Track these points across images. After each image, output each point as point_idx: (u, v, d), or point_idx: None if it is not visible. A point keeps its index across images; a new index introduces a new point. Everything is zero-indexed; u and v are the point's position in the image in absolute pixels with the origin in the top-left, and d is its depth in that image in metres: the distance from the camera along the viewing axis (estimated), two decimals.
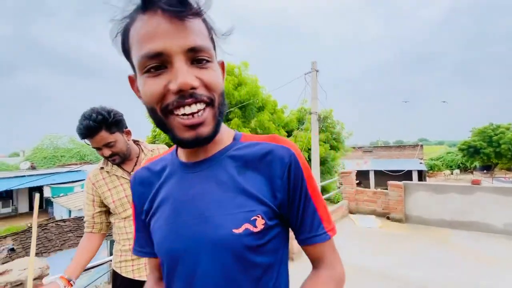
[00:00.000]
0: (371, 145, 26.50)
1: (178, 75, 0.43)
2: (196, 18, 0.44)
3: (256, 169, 0.53)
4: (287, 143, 0.55)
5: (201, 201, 0.53)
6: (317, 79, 7.70)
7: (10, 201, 20.06)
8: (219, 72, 0.50)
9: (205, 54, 0.45)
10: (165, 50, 0.42)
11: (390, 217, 5.01)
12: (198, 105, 0.45)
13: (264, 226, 0.50)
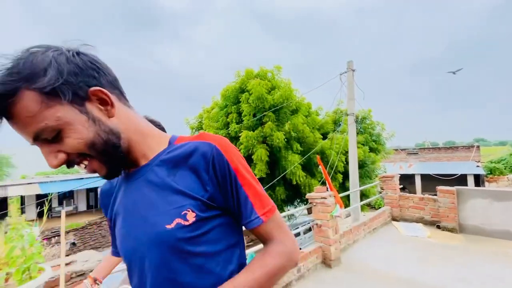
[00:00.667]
0: (417, 147, 24.40)
1: None
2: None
3: (184, 168, 0.57)
4: (211, 139, 0.58)
5: (140, 205, 0.59)
6: (354, 78, 7.39)
7: (72, 200, 22.73)
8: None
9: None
10: None
11: (441, 226, 4.55)
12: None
13: (196, 218, 0.54)
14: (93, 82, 0.51)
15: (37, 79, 0.45)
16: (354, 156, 7.39)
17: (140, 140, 0.59)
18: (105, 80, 0.54)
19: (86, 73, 0.50)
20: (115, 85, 0.57)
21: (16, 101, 0.45)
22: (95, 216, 19.58)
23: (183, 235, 0.54)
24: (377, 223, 4.77)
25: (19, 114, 0.45)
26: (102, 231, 11.68)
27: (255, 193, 0.59)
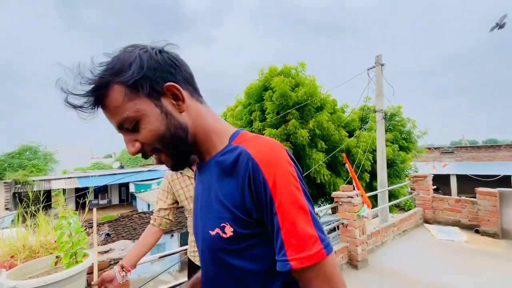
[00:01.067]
0: (452, 145, 22.74)
1: None
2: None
3: (230, 176, 0.53)
4: (254, 146, 0.51)
5: (201, 201, 0.62)
6: (383, 73, 7.06)
7: (106, 194, 24.36)
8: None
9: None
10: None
11: (480, 231, 4.22)
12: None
13: (233, 233, 0.51)
14: (169, 77, 0.54)
15: (123, 73, 0.50)
16: (382, 155, 7.08)
17: (205, 136, 0.59)
18: (181, 76, 0.56)
19: (164, 69, 0.54)
20: (190, 82, 0.59)
21: (107, 93, 0.51)
22: (127, 210, 20.81)
23: (222, 245, 0.53)
24: (408, 225, 4.53)
25: (109, 104, 0.52)
26: (133, 223, 12.39)
27: (292, 228, 0.47)
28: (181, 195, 1.49)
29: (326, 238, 0.49)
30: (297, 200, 0.48)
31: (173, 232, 12.16)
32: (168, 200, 1.50)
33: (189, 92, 0.57)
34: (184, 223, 12.75)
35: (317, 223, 0.49)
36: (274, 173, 0.48)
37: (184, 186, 1.50)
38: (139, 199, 19.47)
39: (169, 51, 0.57)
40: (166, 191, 1.52)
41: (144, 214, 13.56)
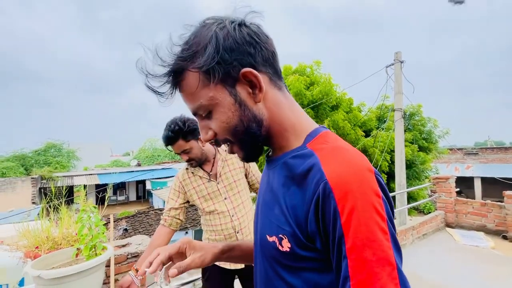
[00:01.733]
0: (477, 146, 21.62)
1: None
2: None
3: (297, 186, 0.45)
4: (330, 164, 0.42)
5: (264, 194, 0.57)
6: (402, 71, 6.81)
7: (124, 191, 25.21)
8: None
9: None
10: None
11: (508, 237, 3.97)
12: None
13: (290, 250, 0.45)
14: (247, 59, 0.47)
15: (198, 59, 0.46)
16: (401, 155, 6.84)
17: (280, 131, 0.52)
18: (261, 56, 0.49)
19: (242, 49, 0.47)
20: (270, 62, 0.50)
21: (182, 79, 0.48)
22: (143, 206, 21.44)
23: (277, 257, 0.48)
24: (428, 228, 4.35)
25: (185, 90, 0.49)
26: (149, 219, 12.74)
27: (364, 280, 0.36)
28: (193, 195, 1.48)
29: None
30: (380, 246, 0.37)
31: (187, 229, 12.38)
32: (180, 199, 1.49)
33: (268, 77, 0.50)
34: (198, 220, 12.94)
35: (405, 282, 0.37)
36: (351, 206, 0.38)
37: (196, 185, 1.49)
38: (155, 196, 19.97)
39: (249, 25, 0.49)
40: (178, 191, 1.51)
41: (160, 211, 13.91)
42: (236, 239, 1.46)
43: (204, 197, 1.48)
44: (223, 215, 1.47)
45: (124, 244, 1.54)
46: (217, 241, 1.46)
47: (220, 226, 1.46)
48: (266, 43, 0.50)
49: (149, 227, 11.95)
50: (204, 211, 1.48)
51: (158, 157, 32.75)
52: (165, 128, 1.39)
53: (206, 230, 1.53)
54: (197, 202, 1.49)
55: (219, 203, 1.48)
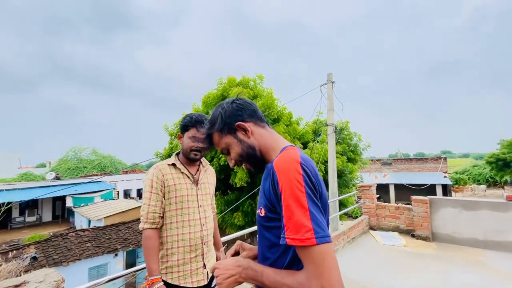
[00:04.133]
0: (390, 158, 25.55)
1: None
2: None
3: (267, 177, 0.77)
4: (277, 159, 0.75)
5: (260, 189, 0.87)
6: (333, 90, 7.61)
7: (35, 210, 20.96)
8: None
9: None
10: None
11: (415, 235, 4.70)
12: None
13: (265, 214, 0.78)
14: (238, 118, 0.85)
15: (215, 126, 0.87)
16: (333, 166, 7.53)
17: (266, 151, 0.85)
18: (246, 114, 0.86)
19: (234, 114, 0.86)
20: (253, 115, 0.87)
21: (212, 137, 0.89)
22: (61, 227, 18.16)
23: (260, 220, 0.82)
24: (356, 232, 4.82)
25: (214, 142, 0.89)
26: (68, 243, 10.78)
27: (289, 217, 0.67)
28: (172, 191, 1.39)
29: (322, 232, 0.65)
30: (298, 199, 0.67)
31: (117, 250, 10.94)
32: (160, 194, 1.39)
33: (253, 122, 0.87)
34: (130, 240, 11.57)
35: (316, 219, 0.66)
36: (283, 177, 0.69)
37: (178, 183, 1.42)
38: (78, 215, 17.22)
39: (237, 99, 0.89)
40: (161, 185, 1.39)
41: (83, 232, 11.95)
42: (201, 252, 1.43)
43: (181, 197, 1.40)
44: (194, 223, 1.41)
45: (18, 284, 1.21)
46: (177, 253, 1.37)
47: (189, 235, 1.38)
48: (248, 106, 0.88)
49: (67, 252, 10.12)
50: (173, 214, 1.38)
51: (84, 169, 28.61)
52: (192, 114, 1.49)
53: (168, 241, 1.38)
54: (172, 201, 1.39)
55: (193, 209, 1.43)
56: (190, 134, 1.44)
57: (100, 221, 14.08)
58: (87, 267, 10.06)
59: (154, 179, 1.39)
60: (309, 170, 0.70)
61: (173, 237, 1.37)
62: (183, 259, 1.36)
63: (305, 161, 0.72)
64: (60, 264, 9.31)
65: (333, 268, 0.63)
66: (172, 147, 11.47)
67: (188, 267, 1.37)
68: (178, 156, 1.54)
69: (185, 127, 1.47)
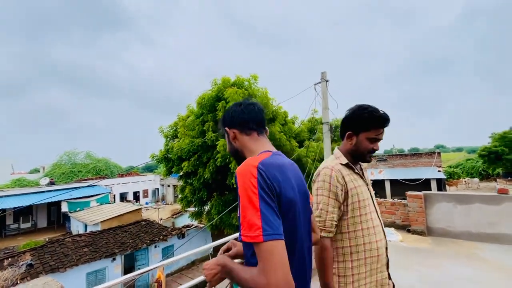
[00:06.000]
0: (385, 154, 25.80)
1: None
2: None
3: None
4: (241, 165, 0.83)
5: None
6: (328, 88, 7.66)
7: (30, 216, 20.66)
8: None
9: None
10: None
11: (411, 230, 4.77)
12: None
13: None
14: (230, 125, 1.02)
15: (220, 126, 1.07)
16: None
17: (248, 154, 0.96)
18: (235, 122, 1.00)
19: (228, 121, 1.03)
20: (241, 124, 0.99)
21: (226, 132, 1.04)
22: (57, 233, 17.95)
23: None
24: None
25: (227, 138, 1.05)
26: (64, 249, 10.66)
27: (244, 216, 0.75)
28: (355, 195, 1.21)
29: (269, 230, 0.71)
30: (250, 200, 0.75)
31: (115, 255, 10.87)
32: (339, 199, 1.21)
33: (239, 130, 1.00)
34: (128, 244, 11.51)
35: (266, 218, 0.72)
36: (240, 183, 0.78)
37: (357, 185, 1.25)
38: (74, 220, 17.04)
39: (235, 110, 1.02)
40: (341, 190, 1.21)
41: (79, 237, 11.84)
42: (386, 261, 1.28)
43: (363, 202, 1.22)
44: (378, 230, 1.23)
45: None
46: (364, 265, 1.20)
47: (376, 244, 1.21)
48: (239, 115, 1.00)
49: (64, 258, 10.01)
50: (356, 221, 1.21)
51: (79, 173, 28.28)
52: (369, 108, 1.24)
53: (353, 251, 1.20)
54: (354, 207, 1.21)
55: (374, 214, 1.25)
56: (372, 135, 1.24)
57: (97, 225, 13.96)
58: (85, 272, 9.97)
59: (333, 182, 1.21)
60: (265, 174, 0.77)
61: (359, 247, 1.19)
62: (370, 271, 1.20)
63: (265, 166, 0.79)
64: (57, 270, 9.20)
65: (279, 264, 0.68)
66: (168, 149, 11.42)
67: (374, 278, 1.23)
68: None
69: (364, 125, 1.24)
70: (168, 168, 11.43)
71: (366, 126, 1.24)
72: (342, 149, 1.36)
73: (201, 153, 9.90)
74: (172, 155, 10.59)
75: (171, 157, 10.76)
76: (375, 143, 1.25)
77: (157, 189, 31.23)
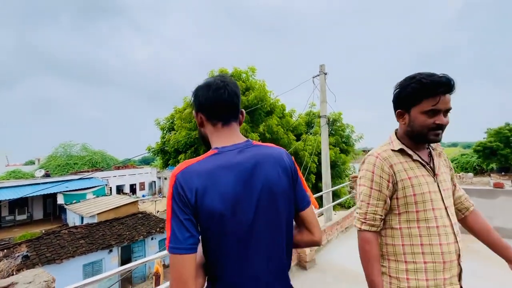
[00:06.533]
0: None
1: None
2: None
3: None
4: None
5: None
6: (326, 81, 7.60)
7: (26, 208, 20.57)
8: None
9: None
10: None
11: None
12: None
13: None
14: (199, 108, 0.89)
15: (193, 105, 0.95)
16: (326, 157, 7.59)
17: (212, 144, 0.88)
18: (203, 107, 0.88)
19: (197, 102, 0.90)
20: (208, 110, 0.87)
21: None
22: (53, 225, 17.91)
23: None
24: (350, 222, 4.90)
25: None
26: (60, 241, 10.65)
27: (166, 228, 0.79)
28: (408, 187, 1.00)
29: (173, 243, 0.72)
30: (167, 211, 0.75)
31: (112, 246, 10.88)
32: (388, 191, 1.03)
33: (206, 117, 0.89)
34: (125, 236, 11.52)
35: (173, 231, 0.72)
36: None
37: (413, 175, 1.02)
38: (70, 212, 16.99)
39: (203, 94, 0.88)
40: (387, 179, 1.03)
41: (76, 229, 11.82)
42: (458, 271, 1.04)
43: (422, 196, 0.99)
44: (445, 231, 0.99)
45: (6, 285, 1.17)
46: (424, 271, 0.99)
47: (440, 248, 0.98)
48: (205, 103, 0.87)
49: (61, 249, 10.00)
50: (412, 218, 1.01)
51: (75, 166, 28.08)
52: (418, 75, 0.98)
53: (406, 251, 1.01)
54: (408, 201, 1.01)
55: (440, 211, 1.00)
56: (428, 107, 0.97)
57: (93, 217, 13.94)
58: (82, 264, 9.99)
59: (377, 171, 1.04)
60: (180, 184, 0.73)
61: (415, 247, 1.00)
62: (434, 280, 0.98)
63: (185, 174, 0.74)
64: (54, 262, 9.21)
65: (175, 276, 0.70)
66: (164, 141, 11.34)
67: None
68: (398, 137, 1.11)
69: (412, 97, 1.00)
70: (164, 161, 11.38)
71: (415, 98, 0.99)
72: (399, 133, 1.13)
73: (198, 146, 9.84)
74: (168, 147, 10.52)
75: (168, 149, 10.69)
76: (436, 116, 0.97)
77: (154, 182, 31.19)
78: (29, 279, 1.25)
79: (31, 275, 1.29)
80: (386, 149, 1.09)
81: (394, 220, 1.05)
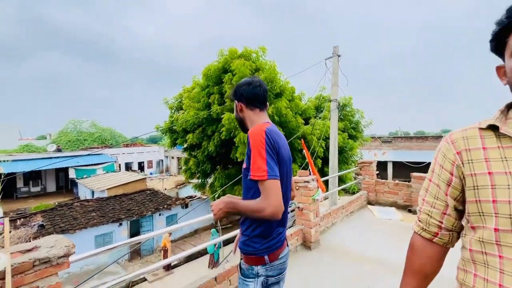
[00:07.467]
0: (390, 136, 25.55)
1: None
2: None
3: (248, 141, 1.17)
4: (250, 129, 1.15)
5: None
6: (339, 64, 7.36)
7: (39, 181, 21.37)
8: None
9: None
10: None
11: (412, 210, 4.82)
12: None
13: (246, 167, 1.14)
14: (239, 98, 1.28)
15: (234, 96, 1.31)
16: (335, 142, 7.52)
17: (248, 125, 1.28)
18: (244, 98, 1.26)
19: (238, 95, 1.28)
20: (247, 100, 1.26)
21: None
22: (66, 198, 18.66)
23: (243, 172, 1.19)
24: (354, 207, 4.94)
25: (235, 107, 1.33)
26: (73, 212, 11.14)
27: (254, 162, 1.07)
28: (486, 188, 0.63)
29: (272, 172, 1.05)
30: (260, 152, 1.06)
31: (121, 220, 11.33)
32: (455, 188, 0.72)
33: (245, 104, 1.27)
34: (134, 211, 11.96)
35: (270, 165, 1.05)
36: (252, 139, 1.09)
37: (501, 171, 0.62)
38: (81, 186, 17.61)
39: (245, 89, 1.26)
40: (449, 171, 0.72)
41: (87, 202, 12.30)
42: None
43: (510, 206, 0.60)
44: None
45: (30, 248, 1.23)
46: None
47: None
48: (247, 94, 1.25)
49: (74, 221, 10.49)
50: (492, 241, 0.63)
51: (85, 142, 28.70)
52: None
53: (497, 268, 0.62)
54: (484, 210, 0.64)
55: None
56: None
57: (103, 192, 14.42)
58: (94, 235, 10.49)
59: (439, 159, 0.76)
60: (271, 136, 1.09)
61: (490, 286, 0.63)
62: None
63: (270, 130, 1.11)
64: (67, 231, 9.69)
65: (276, 193, 1.03)
66: (172, 120, 11.38)
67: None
68: (505, 113, 0.70)
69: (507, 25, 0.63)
70: (172, 140, 11.48)
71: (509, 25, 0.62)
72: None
73: (206, 126, 9.86)
74: (177, 126, 10.57)
75: (176, 128, 10.75)
76: None
77: (161, 161, 31.77)
78: (51, 244, 1.31)
79: (52, 240, 1.35)
80: (468, 128, 0.72)
81: (466, 236, 0.73)
